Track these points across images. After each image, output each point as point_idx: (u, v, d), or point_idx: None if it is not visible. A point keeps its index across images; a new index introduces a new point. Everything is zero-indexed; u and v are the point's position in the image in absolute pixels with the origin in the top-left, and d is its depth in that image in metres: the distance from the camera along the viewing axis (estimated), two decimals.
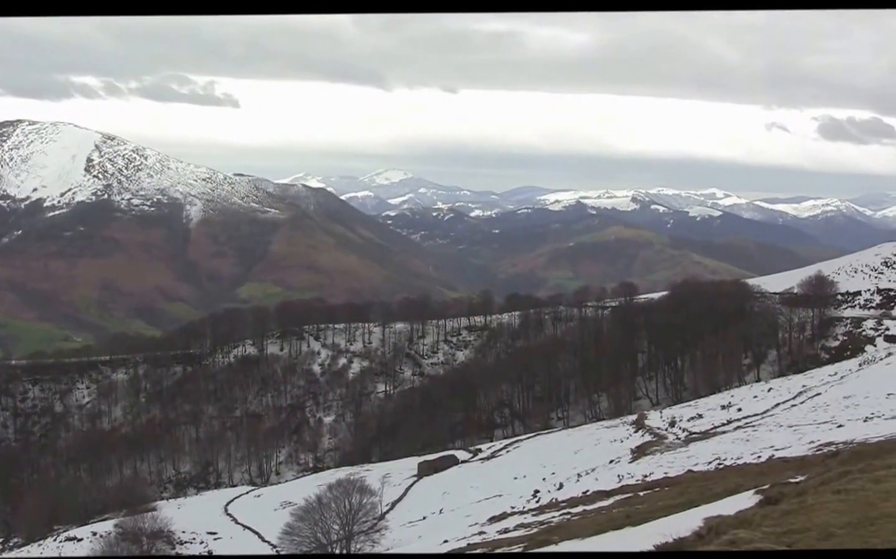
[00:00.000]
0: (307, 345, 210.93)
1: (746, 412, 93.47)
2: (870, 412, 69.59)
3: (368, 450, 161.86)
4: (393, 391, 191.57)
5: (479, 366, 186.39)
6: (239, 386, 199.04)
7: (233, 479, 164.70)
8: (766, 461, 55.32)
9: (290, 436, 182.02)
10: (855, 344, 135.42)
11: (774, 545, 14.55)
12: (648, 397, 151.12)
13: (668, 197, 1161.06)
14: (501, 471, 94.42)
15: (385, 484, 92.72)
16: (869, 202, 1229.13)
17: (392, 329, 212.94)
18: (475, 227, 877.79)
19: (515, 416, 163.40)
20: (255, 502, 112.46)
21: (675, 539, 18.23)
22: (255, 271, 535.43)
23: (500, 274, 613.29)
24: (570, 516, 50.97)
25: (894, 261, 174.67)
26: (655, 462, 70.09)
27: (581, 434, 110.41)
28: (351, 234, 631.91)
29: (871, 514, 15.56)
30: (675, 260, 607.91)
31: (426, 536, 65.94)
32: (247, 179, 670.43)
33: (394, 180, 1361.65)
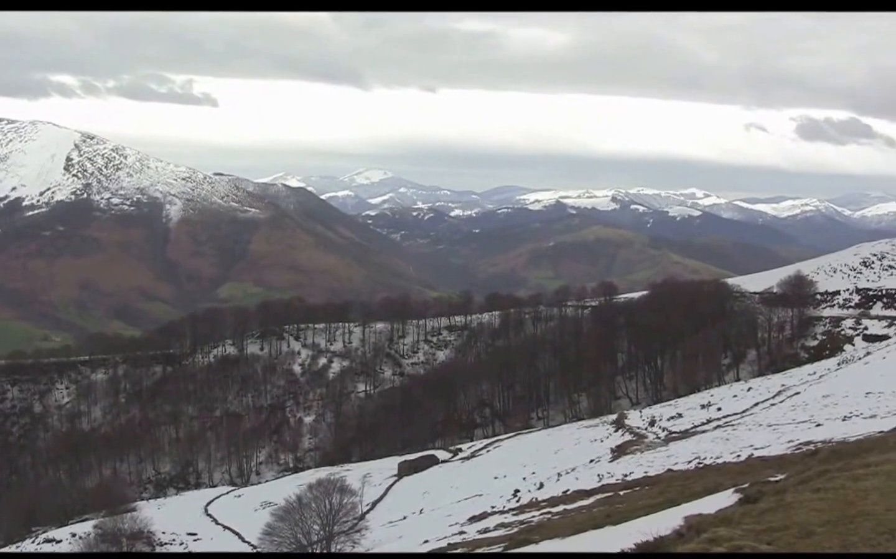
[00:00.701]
0: (287, 344, 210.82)
1: (726, 411, 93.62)
2: (848, 411, 69.80)
3: (349, 449, 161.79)
4: (373, 391, 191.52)
5: (460, 365, 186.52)
6: (219, 386, 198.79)
7: (213, 480, 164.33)
8: (745, 460, 55.45)
9: (270, 436, 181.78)
10: (834, 343, 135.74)
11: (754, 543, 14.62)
12: (628, 396, 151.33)
13: (647, 197, 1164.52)
14: (482, 471, 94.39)
15: (365, 484, 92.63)
16: (848, 202, 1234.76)
17: (372, 329, 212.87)
18: (455, 227, 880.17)
19: (496, 416, 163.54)
20: (235, 502, 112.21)
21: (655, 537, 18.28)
22: (234, 271, 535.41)
23: (480, 273, 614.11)
24: (550, 515, 50.99)
25: (873, 260, 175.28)
26: (635, 461, 70.16)
27: (561, 433, 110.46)
28: (331, 234, 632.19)
29: (850, 512, 15.63)
30: (655, 259, 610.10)
31: (406, 536, 65.89)
32: (227, 179, 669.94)
33: (374, 180, 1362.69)
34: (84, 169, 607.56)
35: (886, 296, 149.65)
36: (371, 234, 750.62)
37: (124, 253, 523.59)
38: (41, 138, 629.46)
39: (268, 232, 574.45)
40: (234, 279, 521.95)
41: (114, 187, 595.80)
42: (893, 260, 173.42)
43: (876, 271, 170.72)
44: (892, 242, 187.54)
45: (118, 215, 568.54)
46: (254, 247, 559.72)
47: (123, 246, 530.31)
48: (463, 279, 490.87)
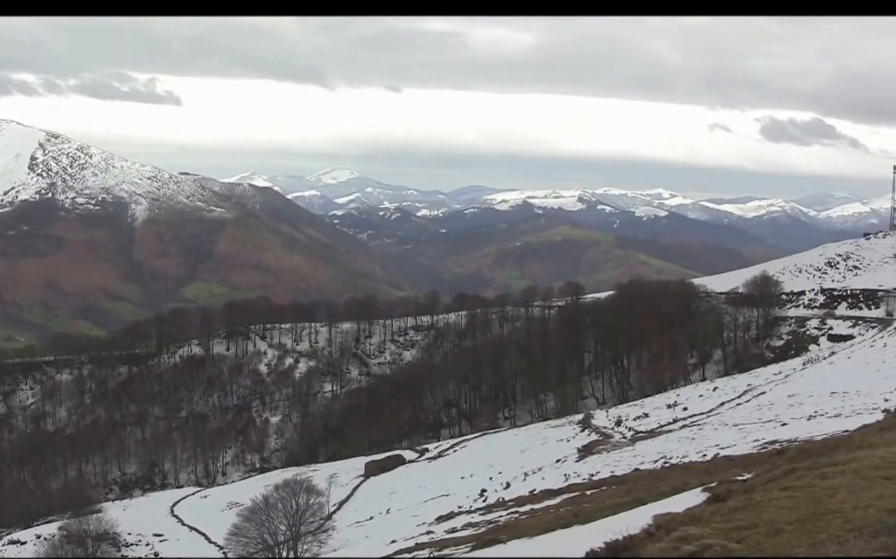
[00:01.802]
0: (253, 344, 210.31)
1: (692, 411, 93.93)
2: (814, 410, 70.14)
3: (315, 450, 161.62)
4: (340, 391, 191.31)
5: (426, 365, 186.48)
6: (185, 386, 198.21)
7: (179, 480, 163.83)
8: (711, 459, 55.63)
9: (236, 436, 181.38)
10: (799, 343, 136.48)
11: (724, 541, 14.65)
12: (595, 396, 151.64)
13: (614, 197, 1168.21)
14: (448, 471, 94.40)
15: (332, 484, 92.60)
16: (813, 203, 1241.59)
17: (339, 329, 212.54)
18: (422, 227, 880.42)
19: (462, 416, 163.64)
20: (201, 503, 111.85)
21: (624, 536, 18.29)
22: (200, 271, 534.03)
23: (447, 273, 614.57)
24: (517, 515, 51.01)
25: (838, 261, 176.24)
26: (602, 461, 70.29)
27: (528, 433, 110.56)
28: (297, 234, 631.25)
29: (818, 510, 15.69)
30: (622, 260, 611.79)
31: (373, 536, 65.81)
32: (192, 178, 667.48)
33: (340, 179, 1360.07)
34: (49, 168, 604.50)
35: (851, 296, 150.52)
36: (338, 233, 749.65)
37: (89, 253, 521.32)
38: (5, 137, 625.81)
39: (234, 232, 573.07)
40: (200, 279, 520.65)
41: (79, 187, 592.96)
42: (858, 260, 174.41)
43: (841, 271, 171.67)
44: (857, 243, 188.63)
45: (83, 215, 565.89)
46: (220, 246, 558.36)
47: (89, 246, 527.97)
48: (430, 279, 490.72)
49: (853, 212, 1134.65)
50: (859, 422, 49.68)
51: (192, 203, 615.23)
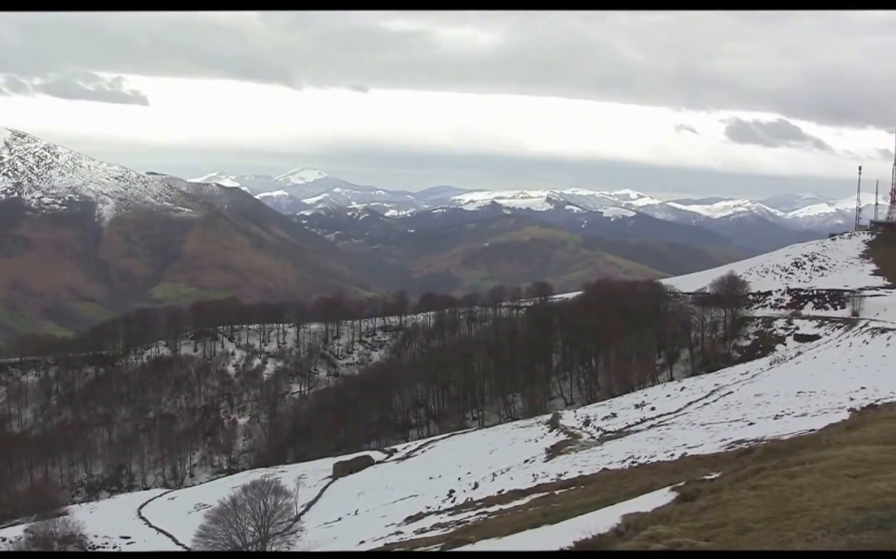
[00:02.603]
0: (221, 345, 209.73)
1: (660, 411, 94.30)
2: (780, 410, 70.54)
3: (283, 451, 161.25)
4: (308, 392, 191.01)
5: (394, 366, 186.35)
6: (152, 387, 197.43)
7: (146, 482, 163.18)
8: (679, 459, 55.86)
9: (204, 437, 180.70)
10: (766, 343, 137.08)
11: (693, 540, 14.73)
12: (563, 397, 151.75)
13: (582, 197, 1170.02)
14: (417, 472, 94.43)
15: (300, 485, 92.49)
16: (780, 203, 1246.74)
17: (307, 329, 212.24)
18: (390, 227, 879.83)
19: (430, 416, 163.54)
20: (168, 505, 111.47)
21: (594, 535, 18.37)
22: (168, 271, 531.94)
23: (415, 274, 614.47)
24: (486, 515, 51.09)
25: (804, 261, 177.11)
26: (570, 461, 70.47)
27: (496, 434, 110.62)
28: (265, 234, 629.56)
29: (786, 509, 15.78)
30: (590, 260, 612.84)
31: (342, 537, 65.77)
32: (160, 178, 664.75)
33: (308, 180, 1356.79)
34: (15, 167, 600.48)
35: (817, 296, 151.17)
36: (306, 234, 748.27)
37: (56, 253, 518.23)
38: None
39: (202, 232, 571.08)
40: (167, 279, 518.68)
41: (45, 186, 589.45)
42: (824, 261, 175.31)
43: (807, 272, 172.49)
44: (823, 243, 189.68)
45: (50, 215, 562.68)
46: (187, 247, 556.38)
47: (55, 246, 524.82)
48: (398, 279, 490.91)
49: (819, 212, 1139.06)
50: (826, 421, 49.95)
51: (160, 203, 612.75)
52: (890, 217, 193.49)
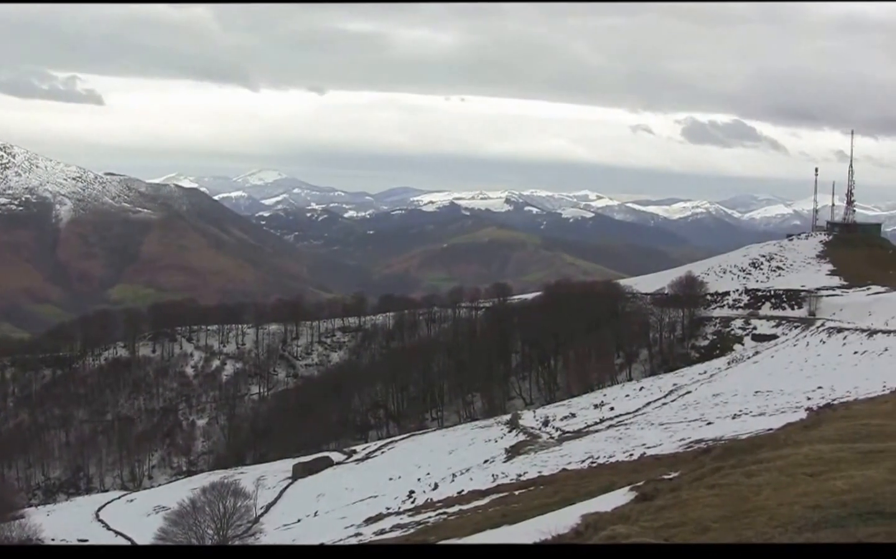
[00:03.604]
0: (179, 346, 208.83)
1: (619, 411, 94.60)
2: (738, 409, 70.96)
3: (242, 452, 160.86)
4: (267, 393, 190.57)
5: (354, 367, 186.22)
6: (110, 389, 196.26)
7: (104, 484, 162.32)
8: (638, 458, 56.07)
9: (162, 439, 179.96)
10: (724, 343, 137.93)
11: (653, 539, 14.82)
12: (522, 397, 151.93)
13: (541, 198, 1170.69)
14: (376, 472, 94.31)
15: (259, 486, 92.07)
16: (737, 204, 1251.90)
17: (266, 330, 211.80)
18: (349, 228, 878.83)
19: (390, 417, 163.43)
20: (127, 507, 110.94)
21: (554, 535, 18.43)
22: (126, 272, 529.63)
23: (375, 275, 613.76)
24: (446, 516, 51.13)
25: (761, 262, 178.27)
26: (530, 461, 70.58)
27: (455, 434, 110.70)
28: (224, 235, 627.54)
29: (744, 508, 15.90)
30: (549, 261, 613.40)
31: (301, 539, 65.65)
32: (118, 179, 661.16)
33: (267, 180, 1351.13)
34: None
35: (774, 296, 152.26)
36: (265, 235, 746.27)
37: (12, 254, 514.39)
38: None
39: (160, 233, 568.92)
40: (125, 281, 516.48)
41: (1, 187, 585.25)
42: (781, 261, 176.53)
43: (764, 272, 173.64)
44: (780, 244, 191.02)
45: (6, 216, 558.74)
46: (146, 248, 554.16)
47: (11, 247, 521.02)
48: (357, 281, 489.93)
49: (776, 213, 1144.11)
50: (783, 420, 50.28)
51: (118, 204, 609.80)
52: (846, 218, 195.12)
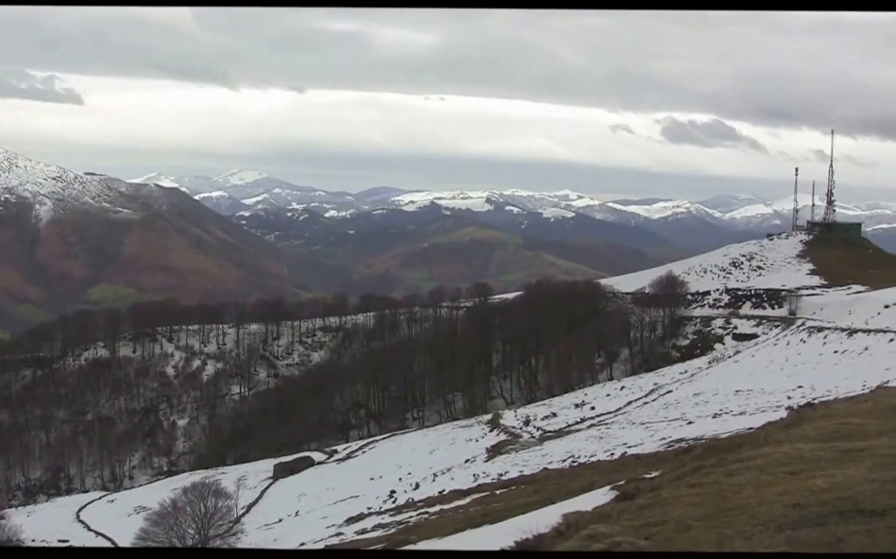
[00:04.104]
0: (160, 346, 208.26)
1: (599, 410, 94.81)
2: (719, 408, 71.19)
3: (223, 452, 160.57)
4: (248, 393, 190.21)
5: (335, 366, 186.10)
6: (90, 389, 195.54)
7: (85, 485, 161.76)
8: (619, 458, 56.18)
9: (143, 439, 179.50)
10: (704, 342, 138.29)
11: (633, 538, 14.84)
12: (503, 396, 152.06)
13: (522, 198, 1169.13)
14: (357, 472, 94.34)
15: (240, 486, 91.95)
16: (718, 204, 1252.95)
17: (246, 330, 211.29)
18: (330, 228, 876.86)
19: (371, 417, 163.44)
20: (107, 508, 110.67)
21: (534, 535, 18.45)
22: (106, 272, 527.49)
23: (355, 275, 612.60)
24: (427, 516, 51.14)
25: (742, 261, 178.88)
26: (511, 461, 70.64)
27: (436, 434, 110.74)
28: (205, 235, 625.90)
29: (725, 507, 15.94)
30: (529, 260, 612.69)
31: (282, 539, 65.65)
32: (98, 179, 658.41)
33: (248, 180, 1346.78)
34: None
35: (755, 296, 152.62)
36: (245, 235, 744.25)
37: None
38: None
39: (141, 233, 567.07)
40: (106, 281, 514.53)
41: None
42: (762, 260, 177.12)
43: (745, 271, 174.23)
44: (761, 243, 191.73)
45: None
46: (126, 248, 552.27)
47: None
48: (338, 280, 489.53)
49: (757, 213, 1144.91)
50: (764, 419, 50.40)
51: (98, 204, 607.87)
52: (826, 218, 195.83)
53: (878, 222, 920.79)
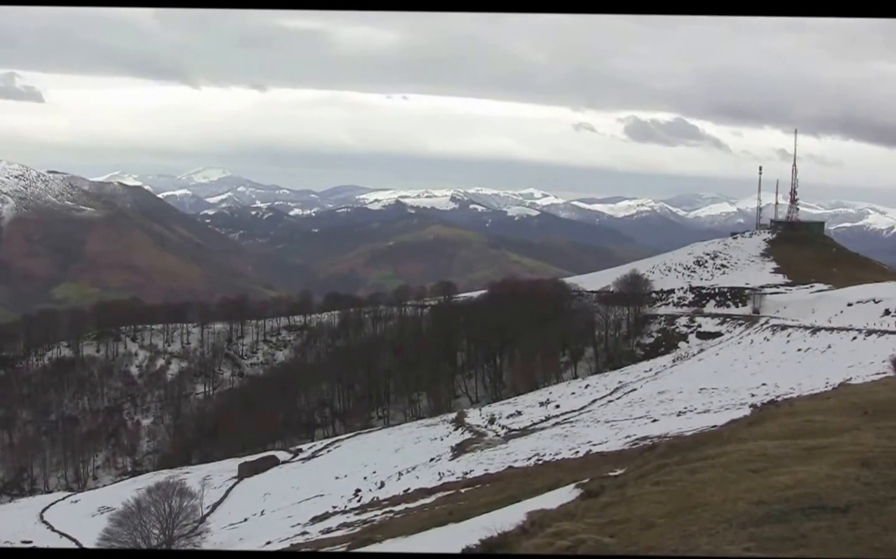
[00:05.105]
0: (124, 346, 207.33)
1: (564, 408, 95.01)
2: (683, 406, 71.48)
3: (188, 452, 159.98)
4: (212, 392, 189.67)
5: (299, 365, 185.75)
6: (54, 389, 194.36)
7: (48, 485, 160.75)
8: (584, 456, 56.33)
9: (107, 439, 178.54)
10: (669, 340, 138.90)
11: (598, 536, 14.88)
12: (468, 395, 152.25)
13: (486, 196, 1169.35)
14: (323, 471, 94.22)
15: (205, 486, 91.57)
16: (682, 203, 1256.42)
17: (211, 329, 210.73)
18: (294, 226, 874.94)
19: (336, 416, 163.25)
20: (71, 508, 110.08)
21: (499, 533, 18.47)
22: (70, 271, 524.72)
23: (320, 273, 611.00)
24: (392, 514, 51.14)
25: (706, 260, 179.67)
26: (476, 459, 70.72)
27: (401, 433, 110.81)
28: (169, 233, 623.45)
29: (689, 504, 16.00)
30: (494, 259, 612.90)
31: (248, 538, 65.49)
32: (61, 177, 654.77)
33: (212, 179, 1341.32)
34: None
35: (719, 294, 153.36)
36: (209, 233, 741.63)
37: None
38: None
39: (104, 231, 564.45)
40: (69, 279, 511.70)
41: None
42: (726, 259, 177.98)
43: (709, 270, 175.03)
44: (725, 242, 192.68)
45: None
46: (90, 246, 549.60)
47: None
48: (303, 279, 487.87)
49: (721, 212, 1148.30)
50: (728, 417, 50.67)
51: (62, 202, 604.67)
52: (790, 216, 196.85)
53: (841, 221, 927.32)
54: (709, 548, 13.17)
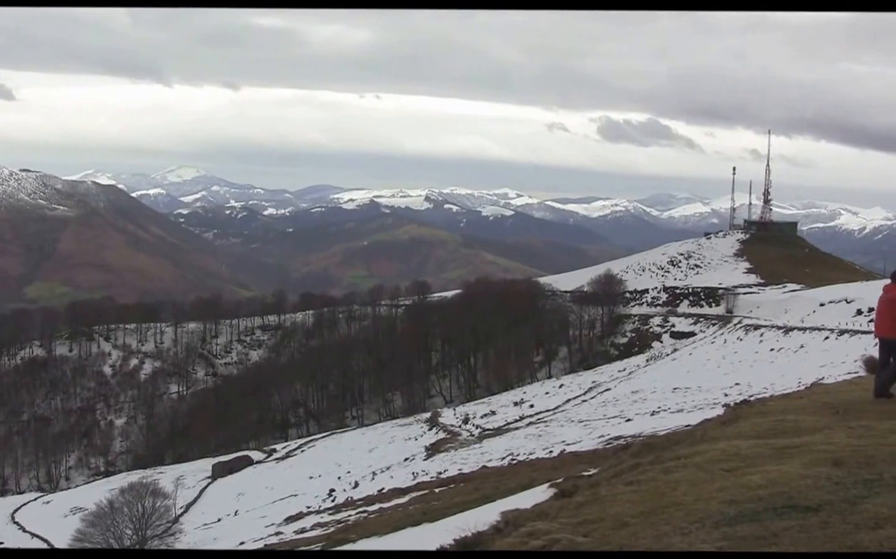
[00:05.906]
0: (97, 345, 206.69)
1: (538, 408, 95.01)
2: (657, 406, 71.53)
3: (161, 452, 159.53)
4: (186, 392, 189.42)
5: (273, 365, 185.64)
6: (26, 389, 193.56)
7: (20, 486, 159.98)
8: (558, 455, 56.31)
9: (80, 439, 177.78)
10: (642, 340, 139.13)
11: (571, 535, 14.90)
12: (442, 395, 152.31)
13: (461, 196, 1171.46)
14: (296, 471, 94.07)
15: (179, 486, 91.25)
16: (656, 203, 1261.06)
17: (184, 329, 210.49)
18: (268, 226, 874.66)
19: (310, 416, 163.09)
20: (43, 509, 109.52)
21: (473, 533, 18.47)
22: (42, 270, 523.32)
23: (294, 272, 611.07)
24: (366, 514, 51.07)
25: (680, 260, 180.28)
26: (450, 459, 70.66)
27: (375, 432, 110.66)
28: (142, 233, 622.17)
29: (662, 503, 16.03)
30: (468, 258, 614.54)
31: (222, 538, 65.30)
32: (34, 175, 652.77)
33: (186, 178, 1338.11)
34: None
35: (693, 294, 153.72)
36: (183, 232, 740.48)
37: None
38: None
39: (77, 230, 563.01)
40: (42, 279, 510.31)
41: None
42: (699, 259, 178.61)
43: (683, 270, 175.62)
44: (698, 242, 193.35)
45: None
46: (62, 245, 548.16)
47: None
48: (277, 278, 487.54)
49: (694, 212, 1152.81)
50: (701, 416, 50.75)
51: (34, 201, 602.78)
52: (763, 217, 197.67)
53: (814, 221, 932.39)
54: (682, 547, 13.22)
